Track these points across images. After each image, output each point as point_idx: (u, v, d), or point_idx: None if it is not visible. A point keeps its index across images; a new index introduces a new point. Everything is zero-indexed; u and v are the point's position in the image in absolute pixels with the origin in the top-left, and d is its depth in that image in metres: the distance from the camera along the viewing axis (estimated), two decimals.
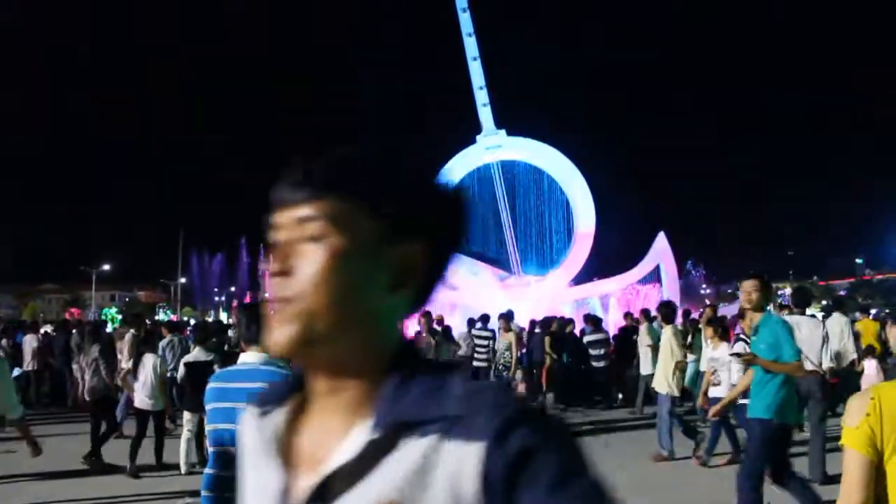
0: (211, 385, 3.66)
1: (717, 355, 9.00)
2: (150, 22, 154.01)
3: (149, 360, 9.37)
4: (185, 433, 8.86)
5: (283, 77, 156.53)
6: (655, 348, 11.12)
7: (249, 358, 3.63)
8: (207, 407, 3.64)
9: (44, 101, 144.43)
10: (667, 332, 9.73)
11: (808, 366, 7.84)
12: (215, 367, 8.92)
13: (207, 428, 3.71)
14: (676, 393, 9.39)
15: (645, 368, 12.26)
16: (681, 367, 9.41)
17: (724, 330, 9.28)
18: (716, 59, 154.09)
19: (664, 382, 9.39)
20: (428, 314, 10.39)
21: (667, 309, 10.12)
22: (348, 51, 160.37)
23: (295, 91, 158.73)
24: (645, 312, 13.67)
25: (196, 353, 9.05)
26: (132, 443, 8.74)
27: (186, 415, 8.99)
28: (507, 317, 14.59)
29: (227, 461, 3.36)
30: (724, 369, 8.70)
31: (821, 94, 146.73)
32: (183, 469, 8.60)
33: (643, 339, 12.48)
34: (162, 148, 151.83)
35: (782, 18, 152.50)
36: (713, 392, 8.80)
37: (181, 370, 9.11)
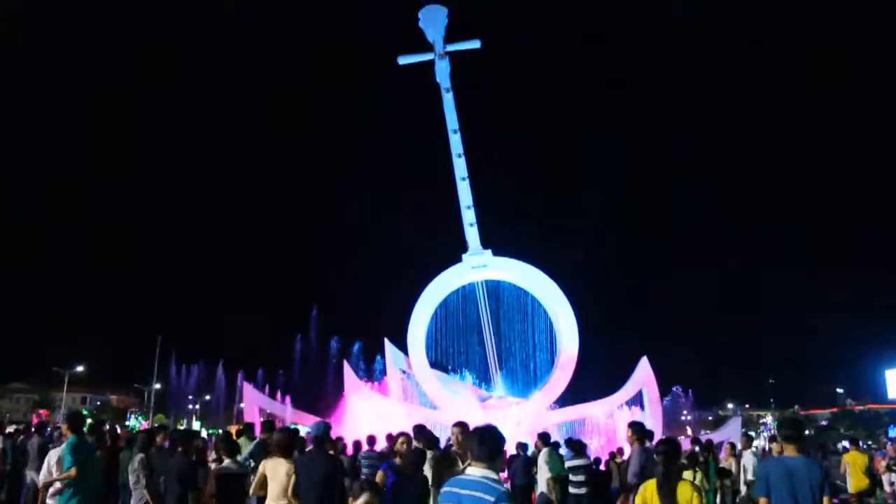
0: (447, 489, 4.62)
1: None
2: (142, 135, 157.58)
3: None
4: None
5: (276, 198, 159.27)
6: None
7: (475, 471, 4.56)
8: None
9: (21, 199, 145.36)
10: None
11: None
12: (250, 479, 8.66)
13: None
14: None
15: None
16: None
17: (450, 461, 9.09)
18: (704, 186, 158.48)
19: None
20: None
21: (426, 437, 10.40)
22: (335, 171, 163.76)
23: (286, 210, 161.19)
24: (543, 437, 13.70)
25: (227, 465, 8.81)
26: None
27: None
28: None
29: None
30: None
31: (802, 229, 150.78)
32: None
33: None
34: (143, 252, 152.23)
35: (778, 147, 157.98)
36: None
37: (211, 483, 8.81)
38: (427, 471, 8.44)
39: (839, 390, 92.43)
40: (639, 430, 10.82)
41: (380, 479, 8.31)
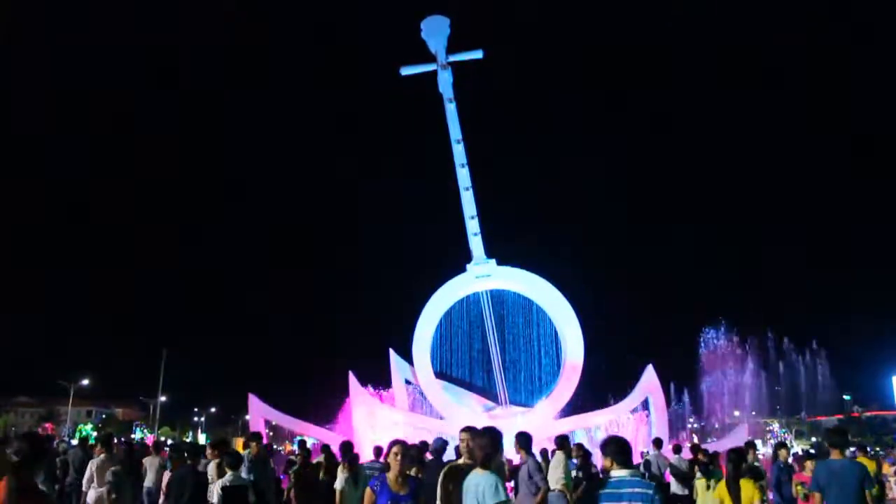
0: (604, 490, 5.56)
1: None
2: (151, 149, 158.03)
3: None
4: None
5: (279, 209, 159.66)
6: None
7: (622, 472, 5.63)
8: None
9: (25, 213, 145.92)
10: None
11: None
12: (249, 492, 8.77)
13: None
14: None
15: None
16: None
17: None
18: (710, 195, 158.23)
19: None
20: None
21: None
22: (336, 180, 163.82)
23: (286, 218, 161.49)
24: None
25: (230, 478, 8.93)
26: None
27: None
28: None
29: None
30: None
31: (807, 232, 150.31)
32: None
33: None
34: (149, 265, 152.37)
35: (777, 168, 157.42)
36: None
37: (217, 494, 8.89)
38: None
39: (846, 397, 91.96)
40: (525, 442, 11.81)
41: (368, 500, 6.91)
